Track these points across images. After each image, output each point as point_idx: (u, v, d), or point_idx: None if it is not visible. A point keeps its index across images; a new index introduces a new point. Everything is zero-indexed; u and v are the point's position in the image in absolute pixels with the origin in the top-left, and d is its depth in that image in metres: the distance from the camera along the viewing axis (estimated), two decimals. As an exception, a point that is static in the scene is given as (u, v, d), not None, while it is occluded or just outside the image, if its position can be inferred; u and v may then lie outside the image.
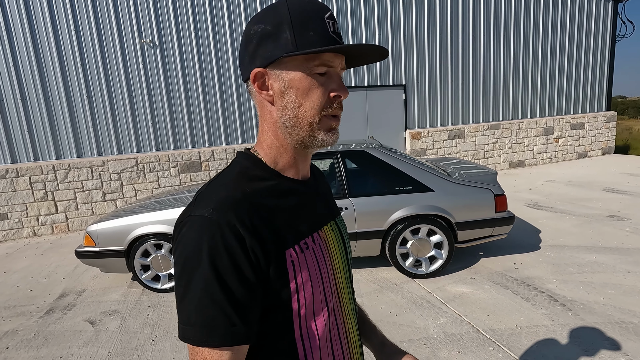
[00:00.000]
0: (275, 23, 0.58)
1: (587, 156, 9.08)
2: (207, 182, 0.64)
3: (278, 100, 0.61)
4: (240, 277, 0.54)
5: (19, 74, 5.40)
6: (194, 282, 0.53)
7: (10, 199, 5.42)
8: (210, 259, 0.53)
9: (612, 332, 2.46)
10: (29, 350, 2.68)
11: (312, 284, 0.62)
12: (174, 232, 0.59)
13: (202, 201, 0.58)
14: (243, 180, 0.61)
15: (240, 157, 0.67)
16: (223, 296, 0.53)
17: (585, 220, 4.62)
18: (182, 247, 0.55)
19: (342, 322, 0.70)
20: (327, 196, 0.79)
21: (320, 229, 0.68)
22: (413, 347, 2.45)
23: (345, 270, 0.74)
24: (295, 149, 0.65)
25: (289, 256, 0.59)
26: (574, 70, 8.63)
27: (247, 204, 0.57)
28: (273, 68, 0.60)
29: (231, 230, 0.54)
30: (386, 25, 7.10)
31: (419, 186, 3.35)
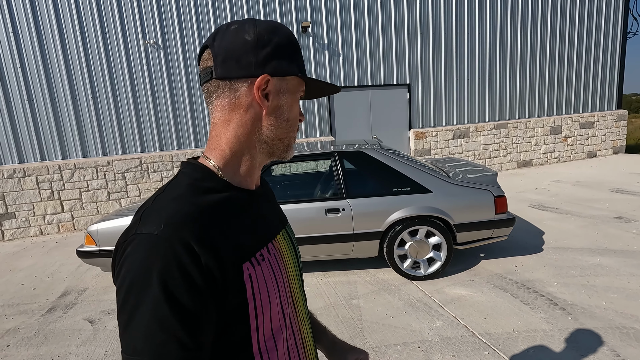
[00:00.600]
0: (289, 42, 0.63)
1: (596, 156, 8.90)
2: (152, 196, 0.60)
3: (271, 111, 0.62)
4: (194, 298, 0.51)
5: (26, 76, 5.50)
6: (142, 307, 0.49)
7: (18, 198, 5.53)
8: (161, 280, 0.49)
9: (612, 338, 2.40)
10: (29, 348, 2.73)
11: (270, 296, 0.61)
12: (115, 254, 0.55)
13: (149, 217, 0.54)
14: (194, 193, 0.58)
15: (188, 168, 0.63)
16: (175, 320, 0.49)
17: (591, 222, 4.52)
18: (127, 269, 0.51)
19: (298, 329, 0.70)
20: (275, 204, 0.79)
21: (274, 238, 0.68)
22: (407, 350, 2.43)
23: (298, 277, 0.74)
24: (261, 159, 0.66)
25: (246, 270, 0.58)
26: (584, 67, 8.46)
27: (201, 218, 0.55)
28: (277, 81, 0.62)
29: (185, 248, 0.51)
30: (390, 23, 7.05)
31: (417, 187, 3.31)
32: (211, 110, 0.64)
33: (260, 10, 6.34)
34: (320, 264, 3.88)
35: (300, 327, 0.71)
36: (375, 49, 7.06)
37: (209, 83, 0.62)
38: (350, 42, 6.90)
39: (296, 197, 3.46)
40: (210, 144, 0.64)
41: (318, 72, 6.83)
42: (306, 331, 0.74)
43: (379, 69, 7.15)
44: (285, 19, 6.50)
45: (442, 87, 7.59)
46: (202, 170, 0.62)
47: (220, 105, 0.62)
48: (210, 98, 0.63)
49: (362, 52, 7.00)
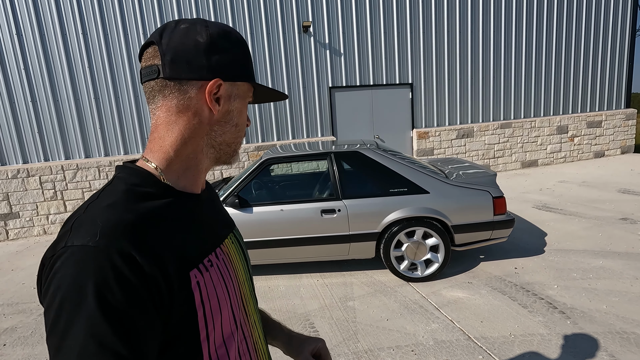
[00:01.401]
0: (241, 47, 0.62)
1: (604, 155, 8.73)
2: (84, 204, 0.55)
3: (221, 116, 0.61)
4: (137, 311, 0.47)
5: (30, 77, 5.56)
6: (75, 327, 0.44)
7: (22, 198, 5.60)
8: (97, 295, 0.45)
9: (611, 343, 2.34)
10: (25, 347, 2.75)
11: (220, 302, 0.59)
12: (42, 270, 0.50)
13: (81, 228, 0.50)
14: (132, 199, 0.55)
15: (124, 173, 0.59)
16: (115, 338, 0.45)
17: (596, 223, 4.43)
18: (57, 285, 0.46)
19: (249, 334, 0.69)
20: (221, 207, 0.76)
21: (222, 243, 0.66)
22: (400, 353, 2.39)
23: (248, 280, 0.73)
24: (207, 164, 0.64)
25: (193, 277, 0.55)
26: (591, 65, 8.30)
27: (141, 226, 0.52)
28: (229, 86, 0.61)
29: (124, 258, 0.47)
30: (392, 22, 6.99)
31: (414, 188, 3.27)
32: (153, 110, 0.61)
33: (261, 11, 6.34)
34: (316, 265, 3.85)
35: (252, 332, 0.70)
36: (377, 48, 7.01)
37: (154, 82, 0.59)
38: (352, 42, 6.86)
39: (292, 197, 3.44)
40: (152, 146, 0.61)
41: (319, 72, 6.80)
42: (258, 335, 0.72)
43: (381, 69, 7.10)
44: (286, 19, 6.49)
45: (445, 86, 7.51)
46: (140, 174, 0.58)
47: (167, 106, 0.59)
48: (154, 98, 0.60)
49: (364, 52, 6.95)
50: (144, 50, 0.60)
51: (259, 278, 3.63)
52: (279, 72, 6.59)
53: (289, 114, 6.79)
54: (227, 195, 3.36)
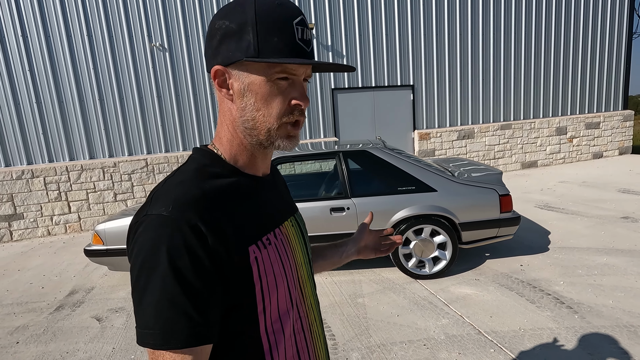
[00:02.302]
0: (240, 22, 0.57)
1: (602, 156, 8.83)
2: (163, 180, 0.62)
3: (237, 100, 0.61)
4: (201, 276, 0.52)
5: (35, 78, 5.58)
6: (152, 284, 0.51)
7: (26, 199, 5.60)
8: (169, 258, 0.51)
9: (619, 336, 2.38)
10: (38, 345, 2.76)
11: (276, 279, 0.62)
12: (129, 233, 0.57)
13: (158, 200, 0.56)
14: (202, 177, 0.60)
15: (197, 154, 0.65)
16: (184, 297, 0.51)
17: (598, 222, 4.49)
18: (139, 248, 0.53)
19: (305, 315, 0.71)
20: (285, 192, 0.79)
21: (281, 224, 0.69)
22: (413, 348, 2.43)
23: (306, 264, 0.75)
24: (254, 148, 0.65)
25: (252, 252, 0.59)
26: (589, 68, 8.42)
27: (207, 201, 0.56)
28: (234, 68, 0.59)
29: (191, 228, 0.52)
30: (393, 24, 7.07)
31: (422, 186, 3.32)
32: None
33: (264, 13, 6.39)
34: (325, 263, 3.88)
35: (308, 313, 0.72)
36: (379, 50, 7.08)
37: None
38: (354, 44, 6.93)
39: (301, 196, 3.47)
40: (216, 133, 0.67)
41: (322, 74, 6.86)
42: (314, 317, 0.74)
43: (382, 70, 7.17)
44: (289, 21, 6.55)
45: (446, 87, 7.59)
46: (210, 155, 0.64)
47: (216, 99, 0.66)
48: None
49: (366, 53, 7.02)
50: None
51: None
52: (282, 74, 6.63)
53: (292, 115, 6.83)
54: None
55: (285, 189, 0.81)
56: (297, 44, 0.58)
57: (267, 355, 0.62)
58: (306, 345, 0.70)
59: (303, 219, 0.82)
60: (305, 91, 0.62)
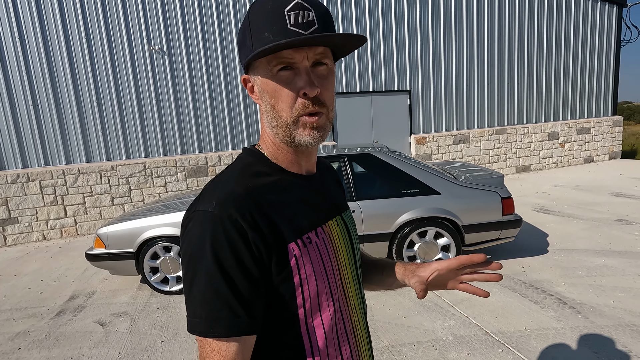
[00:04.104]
0: (243, 30, 0.61)
1: (593, 161, 9.04)
2: (213, 178, 0.66)
3: (261, 103, 0.64)
4: (243, 270, 0.55)
5: (31, 81, 5.51)
6: (198, 276, 0.55)
7: (21, 203, 5.50)
8: (213, 252, 0.54)
9: (622, 335, 2.44)
10: (41, 350, 2.71)
11: (317, 279, 0.62)
12: (182, 228, 0.60)
13: (206, 197, 0.59)
14: (246, 175, 0.63)
15: (244, 153, 0.69)
16: (227, 289, 0.54)
17: (593, 224, 4.59)
18: (188, 242, 0.57)
19: (348, 317, 0.69)
20: (334, 191, 0.78)
21: (325, 223, 0.68)
22: (422, 349, 2.45)
23: (352, 265, 0.73)
24: (288, 147, 0.65)
25: (291, 250, 0.59)
26: (579, 75, 8.64)
27: (250, 198, 0.58)
28: (251, 74, 0.64)
29: (233, 224, 0.55)
30: (391, 30, 7.17)
31: (426, 189, 3.36)
32: None
33: (264, 18, 6.43)
34: (328, 266, 3.89)
35: (352, 315, 0.70)
36: (376, 56, 7.17)
37: None
38: (352, 49, 7.00)
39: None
40: (260, 135, 0.70)
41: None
42: (358, 320, 0.73)
43: (380, 76, 7.26)
44: (288, 26, 6.59)
45: (442, 93, 7.70)
46: (255, 155, 0.67)
47: None
48: None
49: (364, 59, 7.10)
50: None
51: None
52: (281, 78, 6.67)
53: (290, 120, 6.86)
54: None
55: (336, 188, 0.81)
56: (289, 30, 0.55)
57: (308, 355, 0.62)
58: (349, 347, 0.69)
59: (353, 218, 0.80)
60: (312, 78, 0.58)
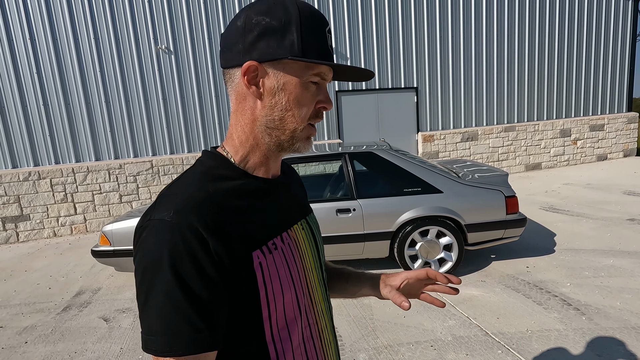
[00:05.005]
0: (284, 21, 0.56)
1: (607, 159, 8.81)
2: (170, 183, 0.61)
3: (267, 98, 0.59)
4: (204, 281, 0.52)
5: (42, 81, 5.64)
6: (155, 289, 0.51)
7: (33, 201, 5.64)
8: (171, 263, 0.51)
9: (627, 338, 2.38)
10: (46, 345, 2.78)
11: (282, 285, 0.60)
12: (134, 237, 0.57)
13: (162, 203, 0.56)
14: (207, 180, 0.59)
15: (204, 156, 0.64)
16: (186, 302, 0.51)
17: (603, 224, 4.48)
18: (142, 253, 0.53)
19: (314, 322, 0.69)
20: (298, 194, 0.77)
21: (290, 228, 0.67)
22: (420, 349, 2.43)
23: (317, 268, 0.72)
24: (269, 149, 0.64)
25: (256, 258, 0.57)
26: (593, 70, 8.41)
27: (211, 205, 0.55)
28: (270, 66, 0.58)
29: (193, 233, 0.52)
30: (397, 26, 7.10)
31: (428, 187, 3.33)
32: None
33: (269, 16, 6.43)
34: (330, 264, 3.89)
35: (318, 320, 0.69)
36: (383, 53, 7.11)
37: (223, 72, 0.64)
38: (358, 46, 6.96)
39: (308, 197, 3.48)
40: (227, 133, 0.66)
41: (326, 76, 6.88)
42: (324, 325, 0.72)
43: (386, 73, 7.20)
44: (293, 24, 6.58)
45: (450, 90, 7.60)
46: (218, 158, 0.63)
47: (230, 95, 0.64)
48: (226, 87, 0.66)
49: (370, 56, 7.05)
50: None
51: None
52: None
53: (296, 118, 6.86)
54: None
55: (299, 190, 0.79)
56: (329, 49, 0.60)
57: None
58: (316, 354, 0.68)
59: (317, 221, 0.79)
60: (328, 94, 0.63)
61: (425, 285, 0.80)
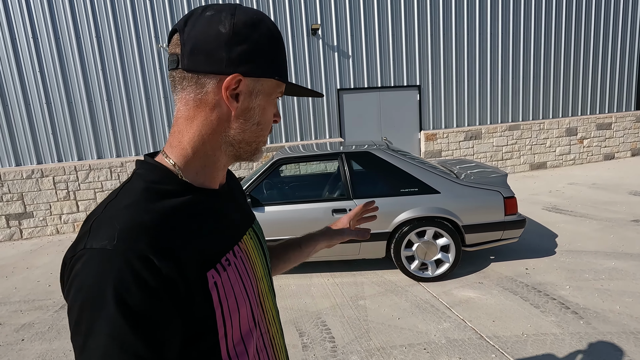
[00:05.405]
0: (271, 39, 0.58)
1: (614, 158, 8.65)
2: (103, 202, 0.54)
3: (241, 113, 0.58)
4: (156, 312, 0.47)
5: (45, 79, 5.68)
6: (96, 329, 0.45)
7: (36, 198, 5.70)
8: (117, 298, 0.45)
9: (625, 343, 2.33)
10: (43, 342, 2.81)
11: (238, 301, 0.59)
12: (63, 270, 0.50)
13: (100, 229, 0.49)
14: (150, 198, 0.53)
15: (143, 169, 0.58)
16: (135, 339, 0.45)
17: (607, 225, 4.40)
18: (77, 288, 0.46)
19: (266, 330, 0.68)
20: (242, 200, 0.75)
21: (240, 240, 0.65)
22: (412, 352, 2.40)
23: (266, 276, 0.72)
24: (225, 160, 0.62)
25: (210, 278, 0.54)
26: (600, 67, 8.25)
27: (158, 227, 0.51)
28: (251, 81, 0.58)
29: (142, 261, 0.47)
30: (400, 24, 7.03)
31: (425, 188, 3.29)
32: (175, 101, 0.60)
33: (270, 12, 6.41)
34: (326, 264, 3.87)
35: (269, 328, 0.69)
36: (385, 51, 7.04)
37: (175, 72, 0.57)
38: (360, 44, 6.91)
39: (303, 197, 3.47)
40: (172, 140, 0.60)
41: (327, 74, 6.85)
42: (275, 331, 0.72)
43: (388, 71, 7.13)
44: (294, 21, 6.56)
45: (453, 87, 7.51)
46: (159, 171, 0.57)
47: (185, 99, 0.58)
48: (174, 88, 0.59)
49: (372, 54, 6.99)
50: (170, 37, 0.58)
51: (270, 277, 3.66)
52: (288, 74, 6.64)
53: (297, 116, 6.85)
54: (239, 194, 3.40)
55: (241, 196, 0.77)
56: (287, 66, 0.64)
57: None
58: None
59: (260, 226, 0.79)
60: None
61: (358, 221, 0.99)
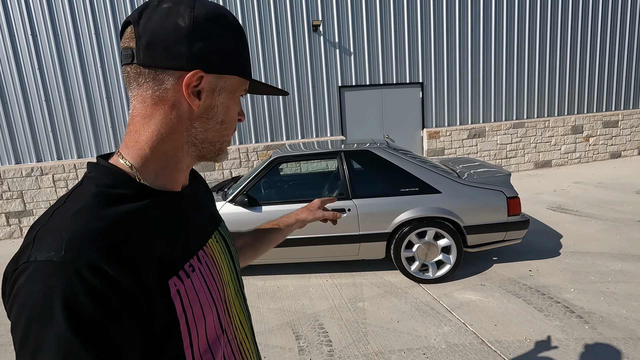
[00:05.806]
0: (234, 34, 0.56)
1: (620, 156, 8.51)
2: (49, 210, 0.49)
3: (203, 111, 0.55)
4: (113, 328, 0.43)
5: (44, 77, 5.65)
6: (45, 347, 0.41)
7: (35, 196, 5.69)
8: (67, 313, 0.41)
9: (632, 350, 2.25)
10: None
11: (203, 308, 0.55)
12: (4, 284, 0.46)
13: (45, 240, 0.45)
14: (102, 203, 0.49)
15: (95, 172, 0.53)
16: (89, 356, 0.42)
17: (613, 225, 4.30)
18: (21, 304, 0.42)
19: (233, 337, 0.65)
20: (207, 202, 0.71)
21: (205, 244, 0.61)
22: (411, 357, 2.34)
23: (234, 280, 0.69)
24: (190, 160, 0.59)
25: (172, 286, 0.51)
26: (607, 64, 8.10)
27: (112, 235, 0.47)
28: (214, 78, 0.55)
29: (94, 272, 0.43)
30: (403, 20, 6.92)
31: (426, 187, 3.21)
32: (130, 98, 0.56)
33: (270, 9, 6.33)
34: (325, 265, 3.81)
35: (236, 334, 0.66)
36: (387, 47, 6.94)
37: (130, 67, 0.53)
38: (362, 40, 6.81)
39: (301, 196, 3.41)
40: (127, 140, 0.56)
41: (329, 71, 6.77)
42: (244, 337, 0.69)
43: (391, 67, 7.03)
44: (296, 18, 6.47)
45: (457, 85, 7.40)
46: (113, 173, 0.53)
47: (142, 96, 0.54)
48: (129, 84, 0.55)
49: (374, 50, 6.90)
50: (123, 30, 0.54)
51: (268, 277, 3.61)
52: (288, 71, 6.58)
53: (298, 114, 6.77)
54: (236, 194, 3.35)
55: (207, 196, 0.72)
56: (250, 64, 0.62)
57: None
58: None
59: (227, 228, 0.75)
60: None
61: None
